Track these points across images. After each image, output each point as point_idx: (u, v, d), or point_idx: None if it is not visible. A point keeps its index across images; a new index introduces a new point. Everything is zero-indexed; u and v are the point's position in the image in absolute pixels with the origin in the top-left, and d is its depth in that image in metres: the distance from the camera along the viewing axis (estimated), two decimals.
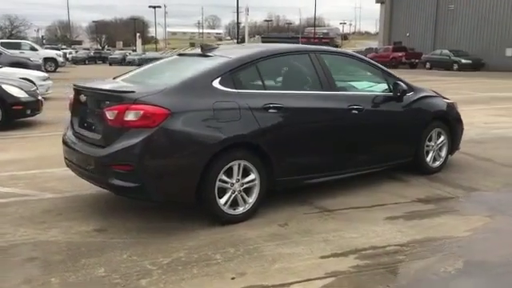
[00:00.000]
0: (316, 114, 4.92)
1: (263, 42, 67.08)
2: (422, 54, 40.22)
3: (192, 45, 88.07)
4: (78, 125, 4.76)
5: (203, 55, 4.98)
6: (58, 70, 31.62)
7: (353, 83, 5.75)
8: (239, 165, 4.37)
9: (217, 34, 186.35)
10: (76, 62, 55.99)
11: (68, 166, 4.91)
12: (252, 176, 4.47)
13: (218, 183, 4.27)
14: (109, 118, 4.13)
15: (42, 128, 9.89)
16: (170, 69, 5.13)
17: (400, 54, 40.59)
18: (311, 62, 5.06)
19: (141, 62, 48.37)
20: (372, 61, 5.80)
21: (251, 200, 4.50)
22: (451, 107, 6.33)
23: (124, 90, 4.21)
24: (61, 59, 33.46)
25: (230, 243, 4.02)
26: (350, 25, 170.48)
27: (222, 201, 4.34)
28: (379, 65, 5.80)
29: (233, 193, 4.39)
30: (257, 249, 3.91)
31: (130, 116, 4.02)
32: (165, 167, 4.08)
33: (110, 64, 56.81)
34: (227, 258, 3.74)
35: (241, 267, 3.59)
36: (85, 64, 57.77)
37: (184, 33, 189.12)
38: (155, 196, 4.14)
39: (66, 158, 4.89)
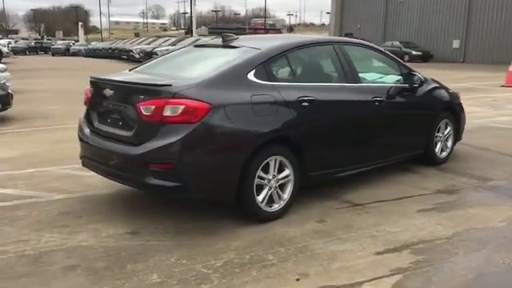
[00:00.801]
0: (345, 107, 4.83)
1: (210, 33, 66.40)
2: None
3: (137, 35, 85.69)
4: (99, 121, 4.43)
5: (228, 46, 4.75)
6: (3, 60, 29.95)
7: (363, 74, 5.69)
8: (275, 160, 4.22)
9: (162, 24, 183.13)
10: (16, 52, 53.15)
11: (86, 165, 4.58)
12: (287, 171, 4.32)
13: (256, 180, 4.10)
14: (144, 113, 3.86)
15: (16, 123, 9.31)
16: (196, 60, 4.86)
17: None
18: (336, 54, 4.96)
19: (90, 54, 46.78)
20: (387, 52, 5.76)
21: (286, 196, 4.36)
22: (456, 97, 6.41)
23: (161, 83, 3.93)
24: (6, 49, 31.74)
25: (276, 242, 3.87)
26: (296, 16, 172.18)
27: (260, 198, 4.17)
28: (394, 56, 5.77)
29: (269, 189, 4.23)
30: (307, 247, 3.78)
31: (170, 111, 3.77)
32: (206, 165, 3.87)
33: (53, 54, 54.57)
34: (281, 258, 3.59)
35: (300, 267, 3.45)
36: (25, 55, 55.07)
37: (127, 22, 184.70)
38: (196, 195, 3.92)
39: (84, 157, 4.55)
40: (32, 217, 4.39)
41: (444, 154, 6.24)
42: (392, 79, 5.52)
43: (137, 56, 32.76)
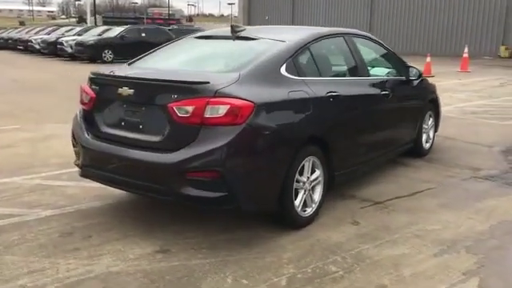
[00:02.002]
0: (361, 101, 4.65)
1: (105, 22, 63.45)
2: None
3: (22, 23, 79.30)
4: (108, 125, 3.83)
5: (244, 38, 4.33)
6: None
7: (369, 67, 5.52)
8: (309, 161, 3.92)
9: (49, 12, 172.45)
10: None
11: (89, 175, 3.96)
12: (317, 172, 4.05)
13: (294, 184, 3.78)
14: (179, 115, 3.37)
15: None
16: (214, 54, 4.37)
17: None
18: (347, 46, 4.75)
19: None
20: (385, 44, 5.66)
21: (317, 199, 4.09)
22: (435, 89, 6.50)
23: (197, 79, 3.45)
24: None
25: (326, 250, 3.59)
26: (194, 7, 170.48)
27: (297, 203, 3.86)
28: (390, 48, 5.68)
29: (304, 193, 3.93)
30: (361, 254, 3.54)
31: (212, 112, 3.32)
32: (253, 170, 3.47)
33: None
34: (345, 269, 3.31)
35: (372, 278, 3.21)
36: None
37: (10, 10, 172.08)
38: (245, 205, 3.50)
39: (85, 167, 3.93)
40: (29, 240, 3.71)
41: (427, 145, 6.31)
42: (392, 72, 5.43)
43: (37, 47, 30.23)
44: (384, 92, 4.95)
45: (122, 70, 4.08)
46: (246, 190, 3.44)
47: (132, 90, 3.58)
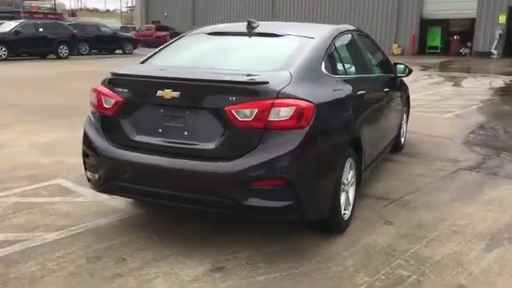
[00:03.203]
0: (376, 98, 4.62)
1: None
2: None
3: None
4: (141, 132, 3.38)
5: (267, 34, 4.06)
6: None
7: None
8: (348, 162, 3.79)
9: None
10: None
11: (117, 191, 3.49)
12: (351, 173, 3.92)
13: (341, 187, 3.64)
14: (239, 119, 3.05)
15: None
16: (242, 51, 4.00)
17: (164, 33, 40.48)
18: (356, 43, 4.67)
19: None
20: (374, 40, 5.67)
21: (351, 201, 3.97)
22: (407, 85, 6.67)
23: (255, 79, 3.14)
24: None
25: (384, 254, 3.48)
26: (77, 0, 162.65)
27: (342, 206, 3.72)
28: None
29: (345, 195, 3.80)
30: (419, 255, 3.47)
31: (277, 114, 3.05)
32: (316, 176, 3.26)
33: None
34: (416, 272, 3.22)
35: (447, 279, 3.15)
36: None
37: None
38: (308, 214, 3.26)
39: (112, 181, 3.44)
40: (55, 270, 3.18)
41: (403, 139, 6.46)
42: (384, 69, 5.45)
43: None
44: (386, 89, 4.97)
45: (149, 69, 3.63)
46: (310, 197, 3.22)
47: (177, 93, 3.17)
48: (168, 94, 3.19)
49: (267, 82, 3.10)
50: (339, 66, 4.02)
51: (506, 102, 11.33)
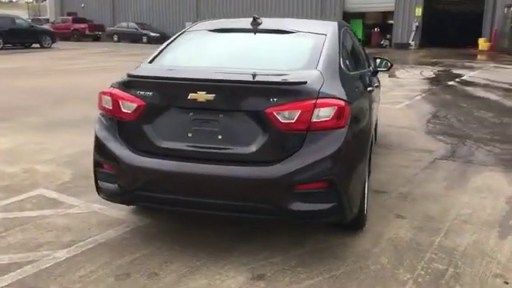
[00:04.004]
0: (374, 93, 4.67)
1: None
2: (103, 26, 39.42)
3: None
4: (166, 138, 3.15)
5: (275, 31, 3.94)
6: None
7: None
8: None
9: None
10: None
11: (143, 200, 3.26)
12: (366, 169, 3.94)
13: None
14: (281, 121, 2.95)
15: None
16: (254, 48, 3.83)
17: (82, 25, 38.68)
18: (351, 39, 4.68)
19: None
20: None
21: (366, 199, 3.99)
22: None
23: (293, 79, 3.03)
24: None
25: (411, 248, 3.52)
26: None
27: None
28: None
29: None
30: (443, 246, 3.55)
31: (319, 115, 2.98)
32: (353, 175, 3.23)
33: None
34: (454, 266, 3.27)
35: (483, 269, 3.23)
36: None
37: None
38: (348, 214, 3.22)
39: (137, 190, 3.20)
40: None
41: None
42: (369, 63, 5.51)
43: None
44: (376, 83, 5.05)
45: (174, 70, 3.39)
46: (349, 197, 3.18)
47: (212, 95, 2.99)
48: (202, 96, 3.00)
49: (306, 82, 3.01)
50: (349, 63, 4.00)
51: (444, 91, 11.95)
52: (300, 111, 2.93)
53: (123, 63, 18.70)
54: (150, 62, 3.66)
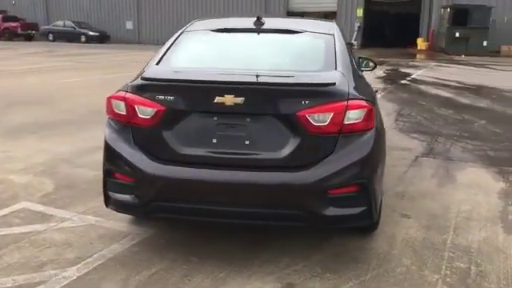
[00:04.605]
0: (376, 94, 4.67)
1: None
2: (37, 25, 37.64)
3: None
4: (188, 144, 2.97)
5: (282, 31, 3.83)
6: None
7: None
8: None
9: None
10: None
11: (166, 211, 3.05)
12: None
13: None
14: (314, 124, 2.86)
15: None
16: (270, 49, 3.67)
17: (14, 24, 36.74)
18: (345, 38, 4.65)
19: None
20: None
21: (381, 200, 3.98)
22: None
23: (322, 80, 2.94)
24: None
25: (428, 248, 3.53)
26: None
27: None
28: None
29: None
30: (457, 244, 3.59)
31: (350, 117, 2.91)
32: (380, 177, 3.19)
33: None
34: (475, 264, 3.30)
35: (504, 266, 3.30)
36: None
37: None
38: (375, 218, 3.17)
39: (162, 201, 2.99)
40: None
41: None
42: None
43: None
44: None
45: (197, 72, 3.20)
46: (376, 200, 3.14)
47: (241, 98, 2.84)
48: (230, 100, 2.85)
49: (335, 83, 2.94)
50: (356, 63, 3.97)
51: (399, 90, 12.30)
52: (332, 113, 2.85)
53: (64, 63, 18.02)
54: (157, 63, 3.45)
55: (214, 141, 2.95)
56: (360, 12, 29.77)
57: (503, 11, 25.14)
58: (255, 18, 3.87)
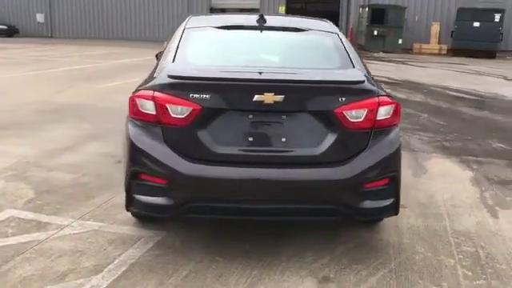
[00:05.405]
0: None
1: None
2: None
3: None
4: (223, 143, 2.92)
5: (289, 29, 3.84)
6: None
7: None
8: None
9: None
10: None
11: (200, 212, 2.98)
12: None
13: None
14: (350, 120, 2.93)
15: None
16: (275, 48, 3.67)
17: None
18: None
19: None
20: None
21: None
22: None
23: (357, 78, 3.02)
24: None
25: (436, 236, 3.74)
26: None
27: None
28: None
29: None
30: (460, 231, 3.83)
31: (381, 113, 3.03)
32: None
33: None
34: (481, 248, 3.55)
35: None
36: None
37: None
38: (399, 209, 3.29)
39: (197, 201, 2.92)
40: None
41: None
42: None
43: None
44: None
45: (231, 71, 3.12)
46: (399, 192, 3.28)
47: (281, 96, 2.85)
48: (269, 98, 2.84)
49: (364, 81, 3.04)
50: None
51: None
52: (367, 110, 2.94)
53: None
54: (173, 61, 3.33)
55: (250, 139, 2.93)
56: (282, 9, 30.32)
57: (414, 11, 26.76)
58: (256, 16, 3.86)
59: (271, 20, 3.90)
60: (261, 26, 3.80)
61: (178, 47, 3.49)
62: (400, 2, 26.14)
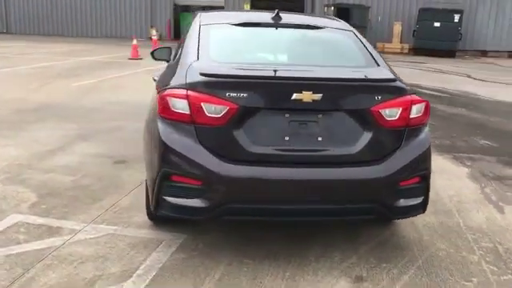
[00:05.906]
0: None
1: None
2: None
3: None
4: (259, 143, 2.85)
5: (305, 26, 3.82)
6: None
7: None
8: None
9: None
10: None
11: (237, 214, 2.93)
12: None
13: None
14: (386, 118, 2.93)
15: None
16: (295, 45, 3.62)
17: None
18: None
19: None
20: None
21: None
22: None
23: (388, 76, 3.02)
24: None
25: (452, 232, 3.80)
26: None
27: None
28: None
29: None
30: (472, 227, 3.89)
31: (414, 112, 3.04)
32: None
33: None
34: (497, 243, 3.63)
35: None
36: None
37: None
38: (426, 207, 3.31)
39: (234, 203, 2.85)
40: None
41: None
42: None
43: None
44: None
45: (267, 70, 3.05)
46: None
47: (319, 95, 2.81)
48: (308, 96, 2.80)
49: (395, 80, 3.04)
50: None
51: None
52: (401, 108, 2.95)
53: None
54: (197, 58, 3.23)
55: (287, 138, 2.89)
56: (247, 6, 30.26)
57: (377, 11, 27.27)
58: (270, 13, 3.82)
59: (286, 17, 3.86)
60: (277, 23, 3.75)
61: (199, 44, 3.39)
62: (364, 1, 26.56)
